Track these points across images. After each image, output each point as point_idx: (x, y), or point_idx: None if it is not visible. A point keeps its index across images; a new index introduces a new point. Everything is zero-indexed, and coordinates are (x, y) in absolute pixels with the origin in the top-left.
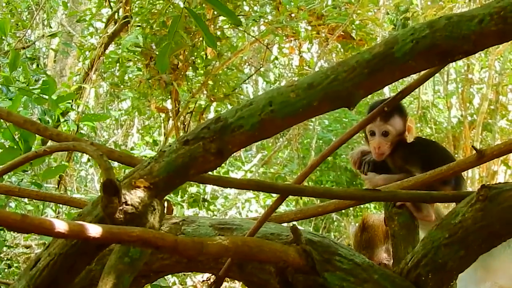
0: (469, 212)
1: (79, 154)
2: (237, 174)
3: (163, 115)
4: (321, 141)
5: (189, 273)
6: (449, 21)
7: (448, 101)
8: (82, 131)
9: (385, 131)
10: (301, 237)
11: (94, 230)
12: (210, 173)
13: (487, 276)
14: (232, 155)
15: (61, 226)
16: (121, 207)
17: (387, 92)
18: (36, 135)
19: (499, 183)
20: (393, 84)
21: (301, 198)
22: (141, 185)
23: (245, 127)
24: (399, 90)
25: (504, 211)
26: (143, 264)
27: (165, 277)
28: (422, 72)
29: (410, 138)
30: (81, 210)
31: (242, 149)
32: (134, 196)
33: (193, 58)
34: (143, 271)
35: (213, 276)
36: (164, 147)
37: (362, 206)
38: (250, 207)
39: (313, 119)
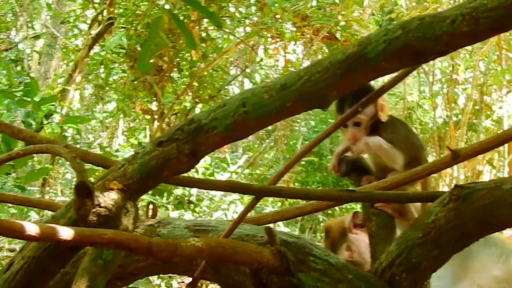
0: (442, 211)
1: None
2: (222, 176)
3: (148, 117)
4: (307, 142)
5: (175, 276)
6: (422, 22)
7: (433, 102)
8: (66, 134)
9: (356, 122)
10: (275, 238)
11: (66, 233)
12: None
13: (465, 276)
14: (218, 156)
15: (32, 229)
16: (94, 210)
17: None
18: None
19: (472, 182)
20: None
21: (286, 200)
22: (114, 187)
23: (218, 128)
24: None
25: (476, 211)
26: (117, 266)
27: (151, 279)
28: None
29: (384, 117)
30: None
31: (228, 151)
32: (108, 198)
33: (178, 59)
34: (118, 274)
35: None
36: (138, 149)
37: (349, 206)
38: (236, 208)
39: (299, 120)
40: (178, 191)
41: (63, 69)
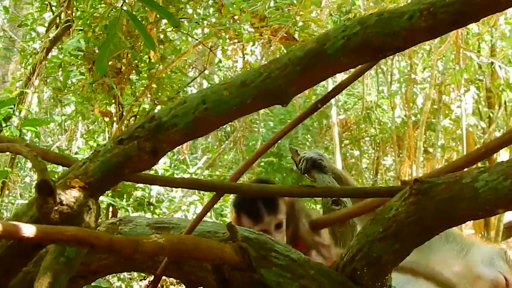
0: (402, 206)
1: (23, 159)
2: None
3: (107, 119)
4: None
5: (135, 277)
6: (380, 18)
7: (392, 101)
8: (25, 137)
9: (278, 223)
10: (237, 234)
11: (28, 230)
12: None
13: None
14: (178, 158)
15: None
16: (56, 208)
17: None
18: None
19: (432, 177)
20: None
21: None
22: (76, 185)
23: (179, 126)
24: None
25: (436, 205)
26: (80, 264)
27: (112, 282)
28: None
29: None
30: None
31: (187, 152)
32: (69, 196)
33: (136, 61)
34: (81, 272)
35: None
36: (99, 147)
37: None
38: (196, 209)
39: (258, 121)
40: (138, 193)
41: (21, 73)
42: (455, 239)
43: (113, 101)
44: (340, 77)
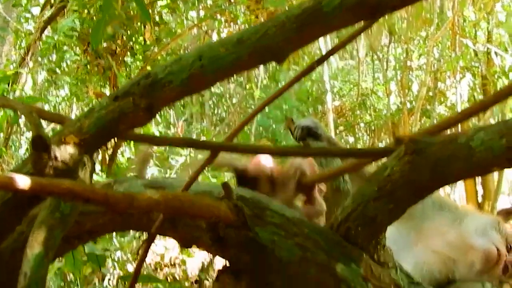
0: (397, 165)
1: (17, 140)
2: (177, 161)
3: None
4: (261, 128)
5: (129, 259)
6: None
7: (387, 88)
8: (20, 120)
9: None
10: (232, 193)
11: (23, 182)
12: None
13: (420, 239)
14: None
15: None
16: (51, 163)
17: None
18: None
19: (427, 136)
20: None
21: None
22: (71, 141)
23: (174, 82)
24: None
25: (431, 164)
26: (75, 224)
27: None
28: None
29: None
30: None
31: (182, 135)
32: (64, 152)
33: (131, 43)
34: (75, 231)
35: None
36: (94, 105)
37: None
38: None
39: (253, 106)
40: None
41: (14, 51)
42: (450, 208)
43: (108, 82)
44: (335, 61)
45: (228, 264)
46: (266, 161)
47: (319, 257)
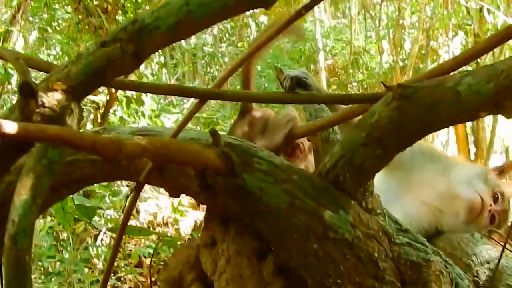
0: (385, 111)
1: (9, 100)
2: (169, 119)
3: None
4: None
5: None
6: None
7: (380, 46)
8: (12, 80)
9: None
10: (220, 140)
11: (10, 127)
12: None
13: (409, 189)
14: (164, 100)
15: None
16: (38, 110)
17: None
18: None
19: (415, 81)
20: None
21: None
22: (58, 88)
23: (161, 28)
24: None
25: (419, 109)
26: (63, 173)
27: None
28: None
29: None
30: None
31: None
32: (52, 99)
33: (123, 1)
34: (63, 181)
35: None
36: (81, 51)
37: None
38: None
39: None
40: None
41: (5, 10)
42: (440, 159)
43: None
44: (327, 20)
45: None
46: None
47: (307, 204)
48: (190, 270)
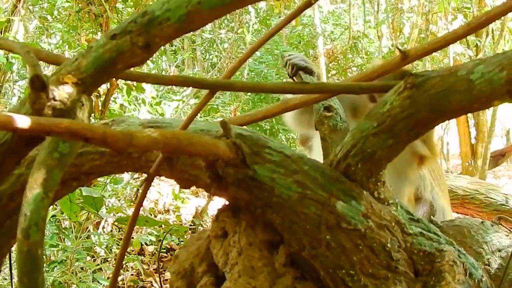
0: (396, 100)
1: (10, 88)
2: (169, 106)
3: None
4: (253, 73)
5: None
6: None
7: (379, 31)
8: (13, 68)
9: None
10: (230, 131)
11: (22, 121)
12: None
13: None
14: (165, 86)
15: None
16: (49, 103)
17: None
18: None
19: (426, 70)
20: None
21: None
22: (69, 81)
23: (172, 20)
24: None
25: (430, 98)
26: (72, 166)
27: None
28: None
29: None
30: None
31: None
32: (62, 92)
33: None
34: (73, 173)
35: None
36: (91, 43)
37: None
38: None
39: (244, 51)
40: None
41: (6, 0)
42: None
43: (100, 29)
44: (326, 5)
45: (227, 203)
46: None
47: (319, 195)
48: (201, 262)
